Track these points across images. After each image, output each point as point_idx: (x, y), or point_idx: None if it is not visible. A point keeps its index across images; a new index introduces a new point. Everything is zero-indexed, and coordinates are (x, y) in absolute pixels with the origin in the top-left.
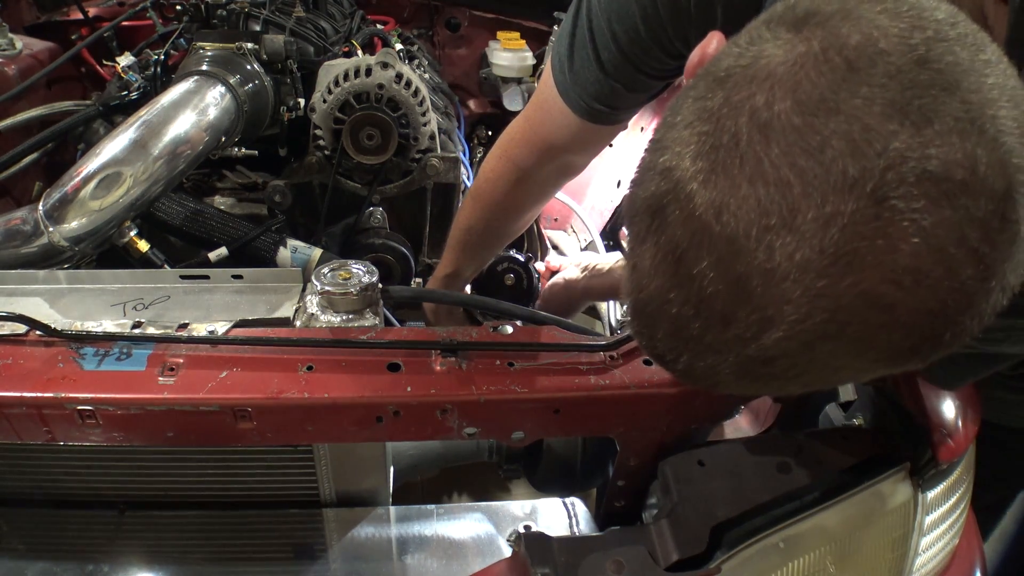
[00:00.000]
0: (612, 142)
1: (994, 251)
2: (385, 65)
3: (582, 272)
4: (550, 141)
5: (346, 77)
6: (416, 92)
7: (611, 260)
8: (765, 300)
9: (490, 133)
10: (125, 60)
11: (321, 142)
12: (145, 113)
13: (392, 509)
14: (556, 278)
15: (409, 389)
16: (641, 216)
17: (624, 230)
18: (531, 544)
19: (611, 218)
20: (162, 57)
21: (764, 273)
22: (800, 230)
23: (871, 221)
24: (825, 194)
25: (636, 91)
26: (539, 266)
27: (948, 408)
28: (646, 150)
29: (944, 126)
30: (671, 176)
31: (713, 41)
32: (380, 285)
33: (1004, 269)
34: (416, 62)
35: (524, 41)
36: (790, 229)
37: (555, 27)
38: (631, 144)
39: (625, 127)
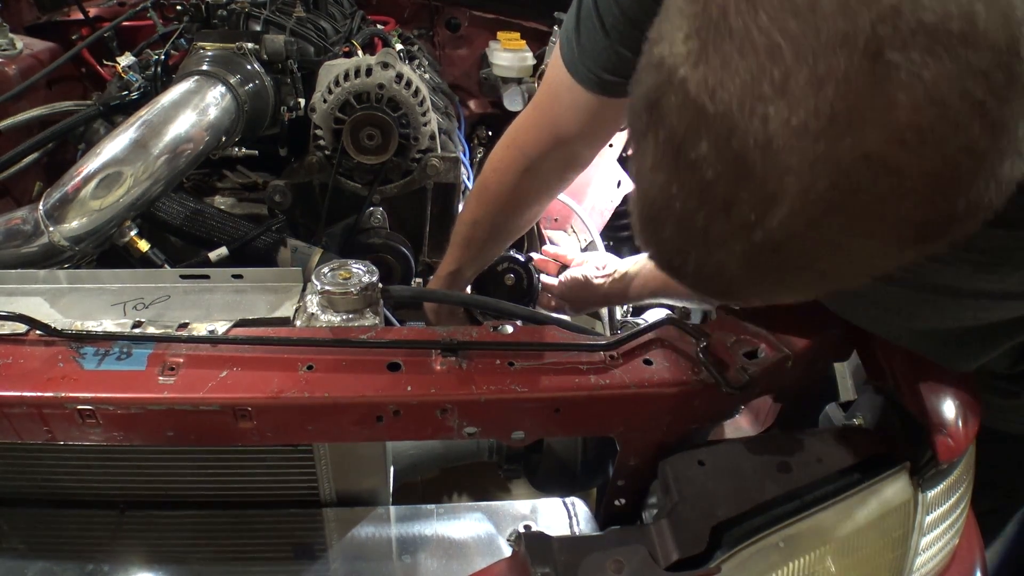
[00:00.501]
0: (612, 142)
1: (1002, 106)
2: (385, 65)
3: (603, 276)
4: (558, 125)
5: (346, 77)
6: (416, 92)
7: (630, 264)
8: (766, 174)
9: (490, 133)
10: (125, 60)
11: (321, 142)
12: (145, 113)
13: (392, 509)
14: (575, 273)
15: (409, 389)
16: (639, 115)
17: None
18: (531, 544)
19: (611, 218)
20: (162, 57)
21: (761, 145)
22: (794, 94)
23: (866, 76)
24: (817, 54)
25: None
26: (549, 249)
27: (948, 408)
28: (642, 52)
29: None
30: (664, 65)
31: None
32: (380, 285)
33: (1016, 127)
34: (416, 62)
35: (524, 41)
36: (783, 94)
37: (555, 27)
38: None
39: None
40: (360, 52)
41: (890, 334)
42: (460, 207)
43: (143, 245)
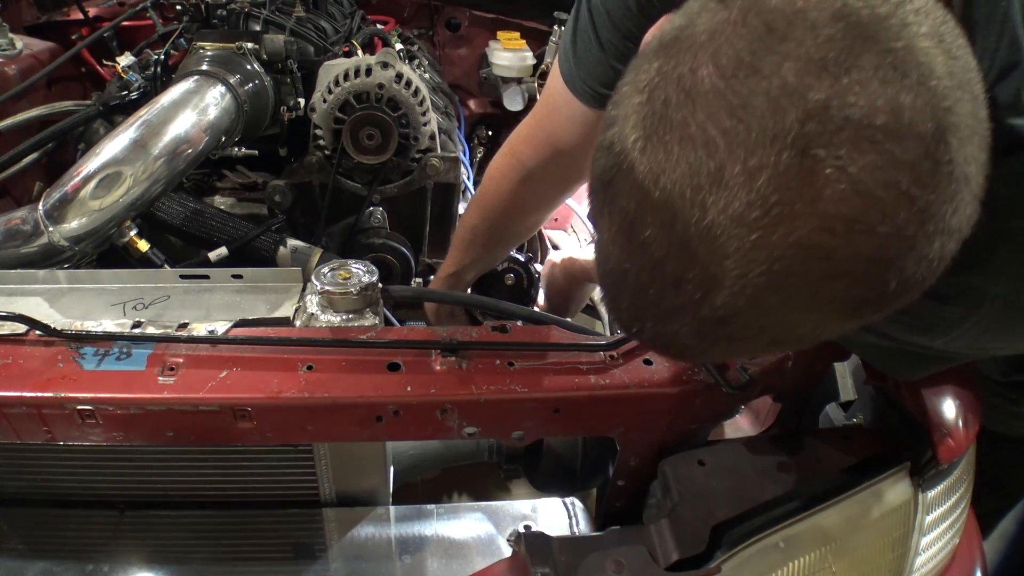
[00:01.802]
0: None
1: (928, 193)
2: (385, 65)
3: (581, 254)
4: (555, 136)
5: (346, 77)
6: (416, 92)
7: None
8: (707, 258)
9: (490, 133)
10: (125, 60)
11: (321, 142)
12: (145, 113)
13: (392, 509)
14: (552, 256)
15: (409, 389)
16: (596, 192)
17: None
18: (531, 544)
19: None
20: (162, 57)
21: (701, 231)
22: (729, 185)
23: (795, 171)
24: (749, 149)
25: None
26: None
27: (948, 408)
28: (600, 126)
29: (863, 74)
30: (614, 149)
31: (665, 20)
32: (380, 285)
33: (943, 212)
34: (416, 62)
35: (524, 41)
36: (720, 185)
37: (555, 27)
38: None
39: None
40: (360, 52)
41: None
42: (460, 207)
43: (143, 245)
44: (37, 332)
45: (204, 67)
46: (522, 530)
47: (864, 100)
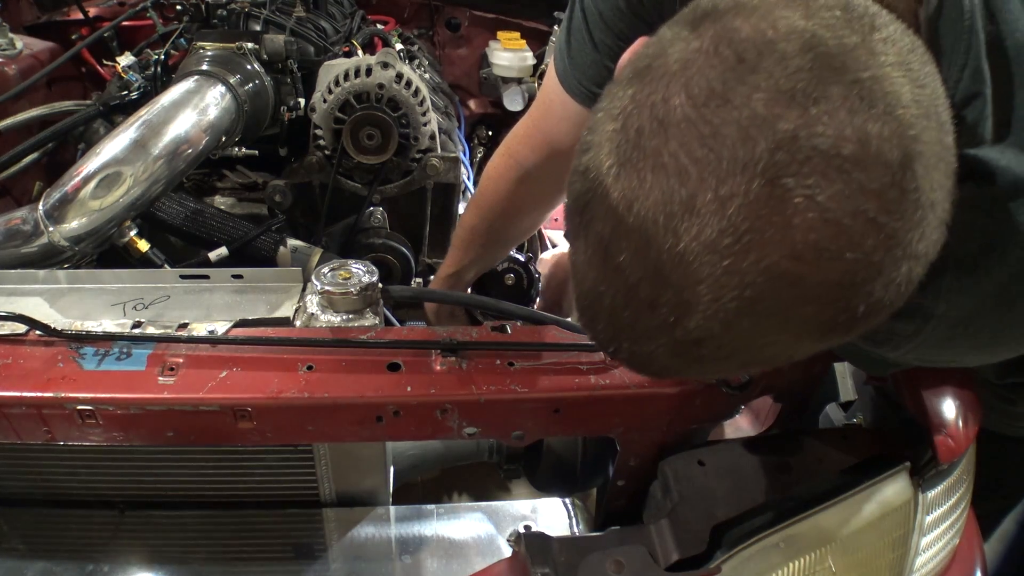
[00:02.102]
0: None
1: (894, 220)
2: (385, 65)
3: None
4: (551, 136)
5: (346, 77)
6: (416, 92)
7: None
8: (680, 283)
9: (490, 133)
10: (125, 60)
11: (321, 142)
12: (145, 113)
13: (392, 509)
14: (545, 255)
15: (409, 389)
16: (572, 215)
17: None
18: (531, 544)
19: None
20: (162, 57)
21: (674, 257)
22: (701, 213)
23: (765, 200)
24: (720, 178)
25: None
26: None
27: (948, 408)
28: (576, 150)
29: (831, 105)
30: (589, 175)
31: (640, 43)
32: (380, 285)
33: (910, 237)
34: (416, 62)
35: (524, 41)
36: (692, 213)
37: (555, 27)
38: None
39: None
40: (360, 52)
41: None
42: (460, 207)
43: (143, 245)
44: (37, 332)
45: (204, 67)
46: (522, 530)
47: (832, 130)
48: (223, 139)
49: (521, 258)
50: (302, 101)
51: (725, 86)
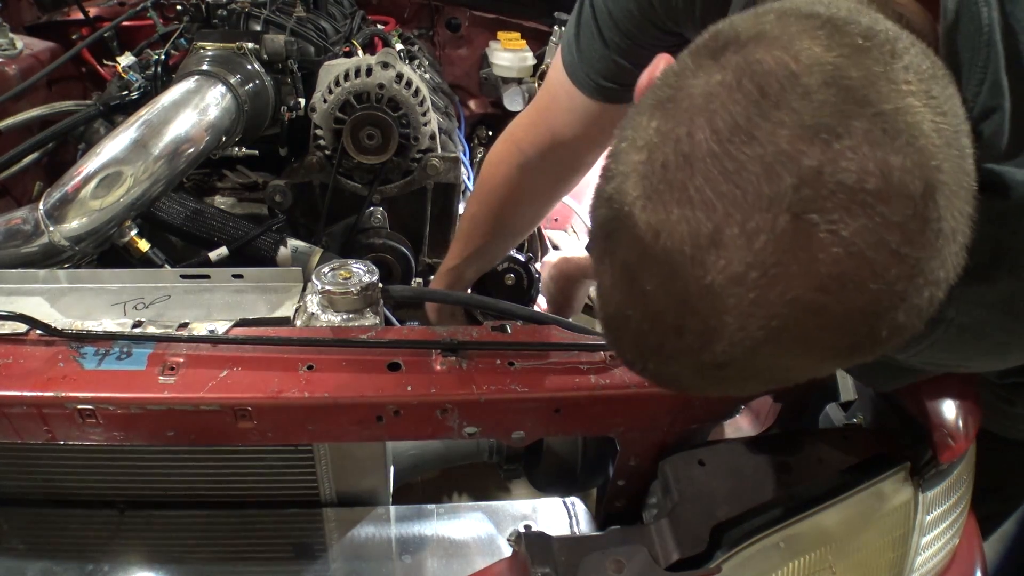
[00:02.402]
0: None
1: (917, 251)
2: (385, 65)
3: (576, 253)
4: (555, 126)
5: (346, 77)
6: (416, 92)
7: None
8: (707, 312)
9: (490, 133)
10: (125, 60)
11: (321, 142)
12: (145, 113)
13: (392, 509)
14: (548, 257)
15: (409, 389)
16: (597, 240)
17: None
18: (531, 544)
19: None
20: (163, 57)
21: (702, 288)
22: (727, 246)
23: (791, 235)
24: (746, 213)
25: (640, 66)
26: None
27: (948, 408)
28: (600, 176)
29: (854, 139)
30: (614, 204)
31: (660, 64)
32: (380, 285)
33: (932, 265)
34: (416, 62)
35: (524, 41)
36: (719, 246)
37: (555, 27)
38: None
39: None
40: (360, 52)
41: None
42: (460, 207)
43: (143, 245)
44: (37, 332)
45: (204, 67)
46: (522, 530)
47: (855, 165)
48: (223, 139)
49: (521, 258)
50: (302, 101)
51: (749, 122)
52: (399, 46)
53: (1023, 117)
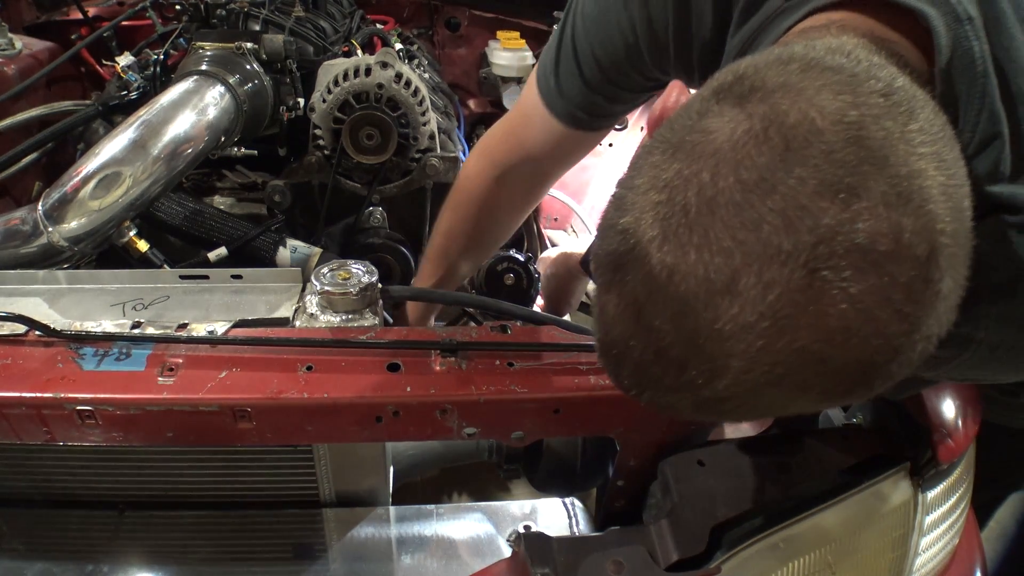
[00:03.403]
0: (612, 142)
1: (918, 310)
2: (385, 65)
3: (574, 248)
4: (527, 144)
5: (345, 77)
6: (416, 92)
7: None
8: (713, 354)
9: None
10: (125, 60)
11: (321, 142)
12: (144, 113)
13: (392, 509)
14: (546, 253)
15: (409, 389)
16: (605, 268)
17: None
18: (531, 544)
19: None
20: (162, 57)
21: (711, 331)
22: (742, 295)
23: (804, 290)
24: (763, 264)
25: (618, 103)
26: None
27: (948, 408)
28: (609, 203)
29: (872, 200)
30: (629, 237)
31: (673, 93)
32: (380, 285)
33: (929, 322)
34: (416, 62)
35: (524, 41)
36: (733, 294)
37: (555, 27)
38: (631, 144)
39: (601, 140)
40: (359, 52)
41: None
42: None
43: (142, 245)
44: (37, 332)
45: (203, 67)
46: (522, 530)
47: (870, 226)
48: (222, 139)
49: (521, 258)
50: (301, 101)
51: (773, 175)
52: (398, 46)
53: (1021, 141)
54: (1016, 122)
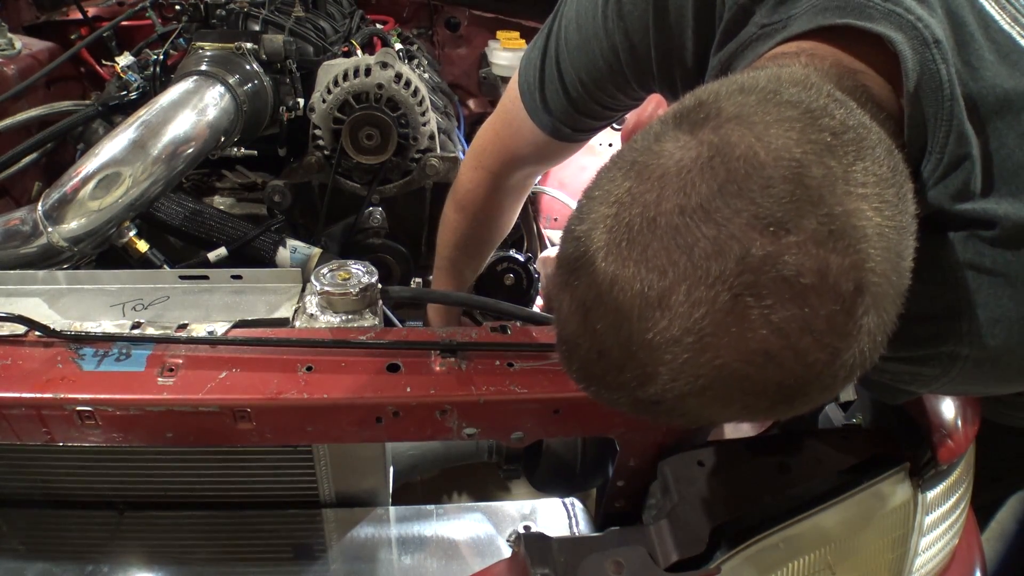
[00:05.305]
0: (611, 142)
1: (838, 341)
2: (384, 65)
3: None
4: (519, 155)
5: (345, 77)
6: (415, 92)
7: None
8: (644, 360)
9: None
10: (124, 60)
11: (320, 142)
12: (144, 113)
13: (392, 509)
14: (546, 253)
15: (409, 390)
16: (562, 270)
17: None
18: (531, 544)
19: None
20: (161, 57)
21: (643, 341)
22: (671, 310)
23: (727, 311)
24: (692, 284)
25: (602, 119)
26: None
27: (948, 408)
28: (574, 212)
29: (801, 236)
30: (581, 244)
31: (649, 107)
32: (379, 285)
33: (849, 355)
34: (416, 62)
35: (524, 41)
36: (663, 308)
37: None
38: None
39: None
40: (359, 52)
41: None
42: None
43: (142, 246)
44: (36, 333)
45: (203, 67)
46: (522, 530)
47: (796, 260)
48: (222, 139)
49: (521, 258)
50: (301, 101)
51: (711, 203)
52: (398, 46)
53: (990, 160)
54: (985, 141)
